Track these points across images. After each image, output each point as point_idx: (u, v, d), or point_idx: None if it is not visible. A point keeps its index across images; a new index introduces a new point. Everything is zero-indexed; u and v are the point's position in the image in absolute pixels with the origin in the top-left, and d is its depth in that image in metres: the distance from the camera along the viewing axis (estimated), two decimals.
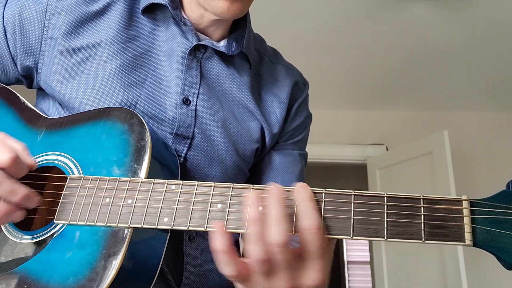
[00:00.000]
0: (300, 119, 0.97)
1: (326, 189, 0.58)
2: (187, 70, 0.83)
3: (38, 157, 0.73)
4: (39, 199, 0.67)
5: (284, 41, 2.80)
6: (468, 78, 3.23)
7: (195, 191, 0.63)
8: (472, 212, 0.54)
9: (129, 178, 0.66)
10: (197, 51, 0.84)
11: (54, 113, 0.83)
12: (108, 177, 0.67)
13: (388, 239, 0.54)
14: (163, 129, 0.80)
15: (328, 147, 3.72)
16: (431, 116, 3.78)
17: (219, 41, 0.88)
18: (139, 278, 0.67)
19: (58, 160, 0.72)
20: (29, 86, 0.88)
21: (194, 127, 0.81)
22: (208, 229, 0.60)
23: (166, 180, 0.64)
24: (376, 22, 2.60)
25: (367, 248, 5.91)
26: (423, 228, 0.54)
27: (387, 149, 3.72)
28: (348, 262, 6.90)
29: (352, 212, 0.56)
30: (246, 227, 0.58)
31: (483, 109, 3.74)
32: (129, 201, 0.64)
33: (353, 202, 0.57)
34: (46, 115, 0.80)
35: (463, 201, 0.54)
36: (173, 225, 0.61)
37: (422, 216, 0.55)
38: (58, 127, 0.76)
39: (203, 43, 0.84)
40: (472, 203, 0.54)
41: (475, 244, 0.52)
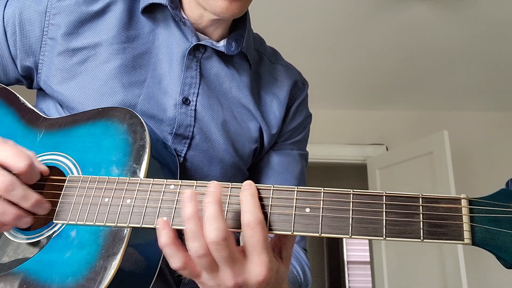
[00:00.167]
0: (299, 119, 0.97)
1: (324, 188, 0.58)
2: (186, 70, 0.83)
3: (38, 157, 0.73)
4: (49, 206, 0.67)
5: (284, 40, 2.80)
6: (468, 78, 3.23)
7: (194, 190, 0.63)
8: (471, 210, 0.53)
9: (128, 178, 0.66)
10: (197, 51, 0.84)
11: (54, 113, 0.83)
12: (107, 177, 0.67)
13: (387, 238, 0.54)
14: (163, 129, 0.80)
15: (328, 147, 3.72)
16: (431, 116, 3.78)
17: (218, 41, 0.88)
18: (138, 278, 0.67)
19: (58, 160, 0.72)
20: (29, 87, 0.88)
21: (193, 127, 0.81)
22: None
23: (165, 180, 0.64)
24: (376, 21, 2.60)
25: (367, 248, 5.91)
26: (422, 227, 0.54)
27: (387, 149, 3.72)
28: (348, 262, 6.89)
29: (351, 211, 0.56)
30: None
31: (483, 109, 3.74)
32: (128, 200, 0.64)
33: (352, 201, 0.57)
34: (46, 115, 0.80)
35: (462, 199, 0.54)
36: (172, 225, 0.61)
37: (421, 215, 0.54)
38: (58, 127, 0.76)
39: (203, 43, 0.84)
40: (471, 202, 0.54)
41: (474, 243, 0.52)
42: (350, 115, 3.86)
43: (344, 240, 6.93)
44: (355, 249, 6.99)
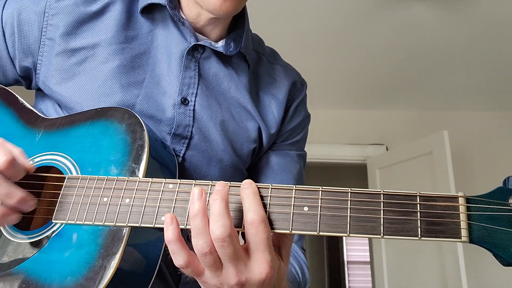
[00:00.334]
0: (298, 119, 0.97)
1: (322, 187, 0.58)
2: (185, 70, 0.83)
3: (36, 157, 0.73)
4: (35, 202, 0.67)
5: (284, 40, 2.81)
6: (468, 77, 3.23)
7: (194, 187, 0.63)
8: (468, 208, 0.54)
9: (126, 178, 0.66)
10: (195, 51, 0.84)
11: (52, 113, 0.83)
12: (106, 177, 0.67)
13: (385, 236, 0.54)
14: (162, 129, 0.80)
15: (328, 147, 3.72)
16: (431, 116, 3.78)
17: (217, 41, 0.88)
18: (137, 277, 0.67)
19: (56, 160, 0.72)
20: (28, 87, 0.88)
21: (192, 127, 0.82)
22: None
23: (164, 179, 0.64)
24: (375, 21, 2.60)
25: (367, 248, 5.90)
26: (419, 225, 0.54)
27: (387, 149, 3.72)
28: (348, 262, 6.89)
29: (349, 209, 0.56)
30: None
31: (483, 109, 3.74)
32: (127, 200, 0.64)
33: (350, 200, 0.57)
34: (44, 115, 0.80)
35: (459, 197, 0.54)
36: None
37: (419, 213, 0.55)
38: (56, 127, 0.76)
39: (201, 43, 0.84)
40: (468, 200, 0.54)
41: (471, 241, 0.52)
42: (350, 115, 3.85)
43: (344, 240, 6.93)
44: (355, 249, 6.98)
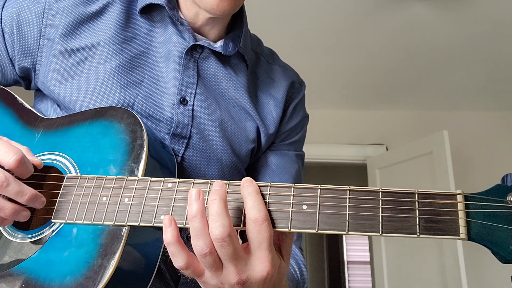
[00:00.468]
0: (296, 119, 0.97)
1: (321, 185, 0.58)
2: (184, 70, 0.83)
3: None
4: (45, 199, 0.67)
5: (284, 41, 2.81)
6: (467, 77, 3.23)
7: (191, 189, 0.63)
8: (467, 206, 0.54)
9: (125, 177, 0.66)
10: (194, 51, 0.85)
11: (52, 113, 0.83)
12: (105, 176, 0.67)
13: (383, 234, 0.54)
14: (161, 129, 0.80)
15: (328, 147, 3.72)
16: (431, 116, 3.78)
17: (215, 41, 0.88)
18: (137, 277, 0.67)
19: (56, 160, 0.73)
20: (27, 87, 0.89)
21: (191, 126, 0.82)
22: None
23: (163, 178, 0.65)
24: (375, 21, 2.60)
25: (367, 248, 5.89)
26: (418, 223, 0.54)
27: (387, 149, 3.72)
28: (348, 262, 6.89)
29: (348, 207, 0.57)
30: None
31: (483, 109, 3.74)
32: (126, 199, 0.64)
33: (348, 198, 0.57)
34: (44, 115, 0.80)
35: (457, 195, 0.54)
36: None
37: (417, 210, 0.55)
38: (56, 127, 0.76)
39: (200, 43, 0.84)
40: (466, 197, 0.54)
41: (469, 238, 0.52)
42: (350, 115, 3.86)
43: (344, 240, 6.93)
44: (355, 249, 6.98)
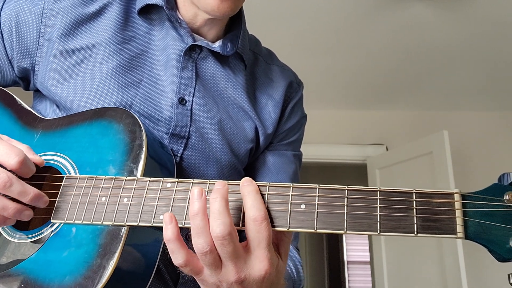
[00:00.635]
0: (294, 119, 0.97)
1: (319, 185, 0.59)
2: (182, 70, 0.83)
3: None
4: (48, 199, 0.67)
5: (283, 41, 2.81)
6: (467, 77, 3.23)
7: (190, 189, 0.63)
8: (464, 205, 0.54)
9: (124, 177, 0.66)
10: (193, 51, 0.85)
11: (51, 114, 0.83)
12: (104, 176, 0.67)
13: (381, 233, 0.55)
14: (159, 129, 0.80)
15: (328, 147, 3.72)
16: (431, 116, 3.78)
17: (214, 41, 0.88)
18: (136, 276, 0.67)
19: (55, 160, 0.73)
20: (26, 88, 0.89)
21: (190, 126, 0.82)
22: None
23: (162, 179, 0.65)
24: (375, 21, 2.61)
25: (367, 248, 5.90)
26: (415, 222, 0.54)
27: (387, 149, 3.72)
28: (348, 262, 6.89)
29: (346, 207, 0.57)
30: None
31: (483, 109, 3.74)
32: (125, 199, 0.64)
33: (347, 197, 0.57)
34: (43, 116, 0.80)
35: (454, 194, 0.55)
36: None
37: (415, 210, 0.55)
38: (55, 127, 0.76)
39: (198, 43, 0.84)
40: (463, 197, 0.54)
41: (467, 237, 0.53)
42: (350, 115, 3.86)
43: (344, 240, 6.93)
44: (355, 249, 6.99)
